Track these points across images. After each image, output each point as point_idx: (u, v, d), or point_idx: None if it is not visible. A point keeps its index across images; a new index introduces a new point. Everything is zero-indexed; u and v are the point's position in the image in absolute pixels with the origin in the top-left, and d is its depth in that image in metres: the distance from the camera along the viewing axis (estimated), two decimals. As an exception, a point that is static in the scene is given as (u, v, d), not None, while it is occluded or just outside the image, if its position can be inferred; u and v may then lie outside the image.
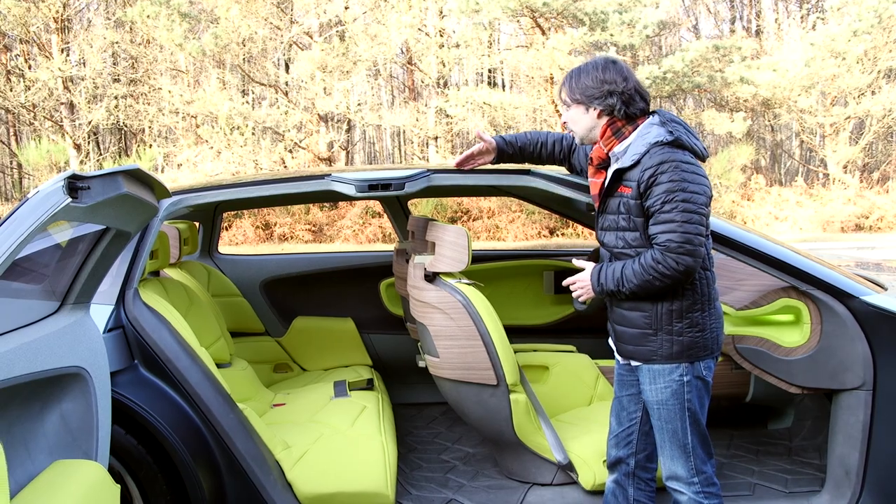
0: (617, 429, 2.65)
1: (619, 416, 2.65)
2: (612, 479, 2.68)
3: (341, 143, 21.08)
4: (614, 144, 2.50)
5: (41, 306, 2.37)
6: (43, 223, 1.78)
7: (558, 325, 4.55)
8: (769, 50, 21.21)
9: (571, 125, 2.59)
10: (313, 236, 17.95)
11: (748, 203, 19.51)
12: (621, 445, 2.64)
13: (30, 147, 19.60)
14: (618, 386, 2.67)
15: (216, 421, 2.74)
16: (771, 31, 24.71)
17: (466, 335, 2.87)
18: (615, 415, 2.67)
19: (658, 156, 2.35)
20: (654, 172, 2.34)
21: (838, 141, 20.28)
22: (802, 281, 2.78)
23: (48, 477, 2.14)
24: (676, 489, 2.48)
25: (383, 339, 4.29)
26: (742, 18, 27.89)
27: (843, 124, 20.37)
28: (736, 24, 27.61)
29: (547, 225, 17.97)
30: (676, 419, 2.42)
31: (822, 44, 18.42)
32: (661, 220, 2.32)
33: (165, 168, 20.29)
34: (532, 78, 20.84)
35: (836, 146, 20.28)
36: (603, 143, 2.52)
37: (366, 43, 19.51)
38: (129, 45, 21.30)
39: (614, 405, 2.68)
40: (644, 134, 2.43)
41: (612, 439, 2.67)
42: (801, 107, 19.89)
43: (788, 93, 19.10)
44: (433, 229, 3.05)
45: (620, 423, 2.65)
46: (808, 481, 3.02)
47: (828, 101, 20.49)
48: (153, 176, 2.29)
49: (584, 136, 2.56)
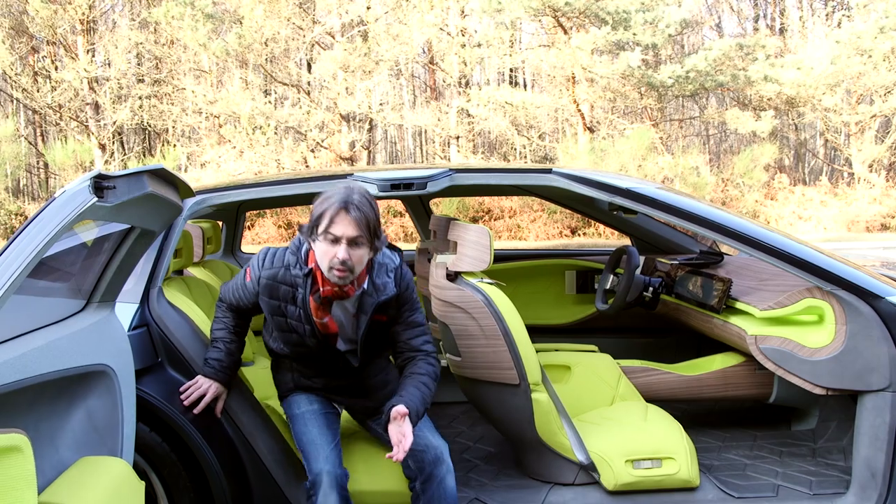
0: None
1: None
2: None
3: (363, 143, 21.13)
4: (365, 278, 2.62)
5: (67, 304, 2.39)
6: (69, 222, 1.80)
7: (580, 325, 4.53)
8: (793, 48, 21.00)
9: (358, 265, 2.49)
10: (335, 236, 17.97)
11: (771, 202, 19.35)
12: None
13: (56, 147, 19.84)
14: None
15: (239, 419, 2.76)
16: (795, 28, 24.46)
17: (488, 335, 2.86)
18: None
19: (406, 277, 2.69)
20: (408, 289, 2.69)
21: (864, 139, 20.05)
22: (827, 281, 2.75)
23: (75, 473, 2.16)
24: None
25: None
26: (766, 16, 27.66)
27: (868, 122, 20.13)
28: (759, 22, 27.36)
29: (568, 224, 17.93)
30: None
31: (848, 41, 18.22)
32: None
33: (189, 168, 20.45)
34: (553, 77, 20.79)
35: (861, 145, 20.05)
36: (358, 278, 2.56)
37: (388, 43, 19.55)
38: (153, 45, 21.47)
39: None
40: (381, 264, 2.65)
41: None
42: (825, 105, 19.67)
43: (813, 91, 18.90)
44: (455, 229, 3.05)
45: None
46: (832, 483, 2.99)
47: (853, 99, 20.26)
48: (177, 175, 2.31)
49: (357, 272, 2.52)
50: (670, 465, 2.88)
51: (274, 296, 2.63)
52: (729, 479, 3.02)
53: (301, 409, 2.76)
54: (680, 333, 4.19)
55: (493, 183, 3.25)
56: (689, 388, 3.60)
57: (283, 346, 2.72)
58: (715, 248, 4.04)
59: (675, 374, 3.62)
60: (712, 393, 3.59)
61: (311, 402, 2.78)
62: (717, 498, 2.88)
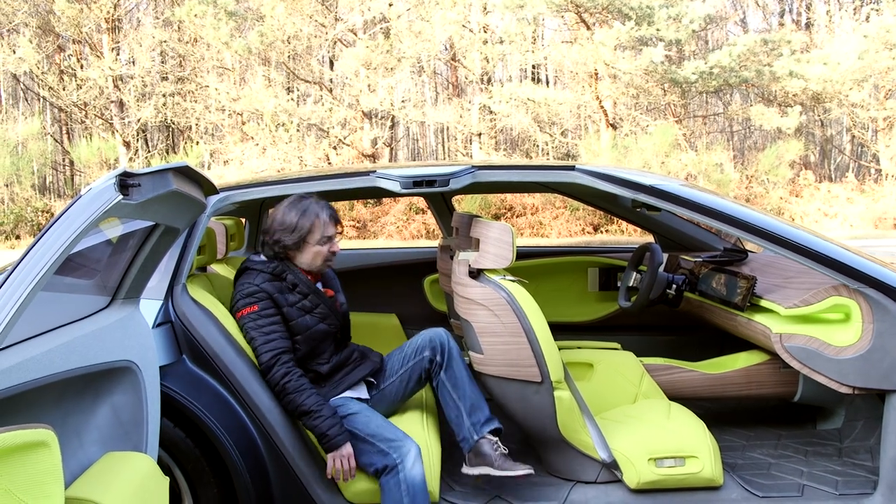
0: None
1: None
2: None
3: (385, 140, 21.17)
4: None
5: (93, 301, 2.42)
6: (95, 220, 1.82)
7: (603, 323, 4.52)
8: (819, 43, 20.75)
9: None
10: (357, 232, 18.06)
11: (796, 199, 19.15)
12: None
13: (81, 145, 20.04)
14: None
15: (262, 415, 2.77)
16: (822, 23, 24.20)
17: (511, 332, 2.86)
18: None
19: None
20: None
21: (892, 135, 19.77)
22: (853, 279, 2.72)
23: (101, 468, 2.18)
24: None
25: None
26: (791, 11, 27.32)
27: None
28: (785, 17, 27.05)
29: (591, 222, 17.86)
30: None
31: (877, 35, 17.94)
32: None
33: (212, 165, 20.57)
34: (576, 74, 20.68)
35: (889, 140, 19.78)
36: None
37: (410, 39, 19.55)
38: (176, 43, 21.63)
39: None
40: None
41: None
42: (852, 101, 19.41)
43: (840, 87, 18.67)
44: (477, 226, 3.04)
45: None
46: (859, 483, 2.96)
47: (881, 94, 19.99)
48: (201, 173, 2.32)
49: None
50: (694, 464, 2.86)
51: (282, 291, 2.96)
52: (753, 479, 3.00)
53: (354, 409, 2.94)
54: (703, 331, 4.16)
55: (516, 180, 3.24)
56: (713, 387, 3.57)
57: (304, 343, 2.97)
58: (739, 246, 4.01)
59: (699, 373, 3.60)
60: (736, 391, 3.57)
61: (357, 403, 3.01)
62: (740, 497, 2.86)
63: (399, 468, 2.73)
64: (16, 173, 18.80)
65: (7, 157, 18.67)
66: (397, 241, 17.21)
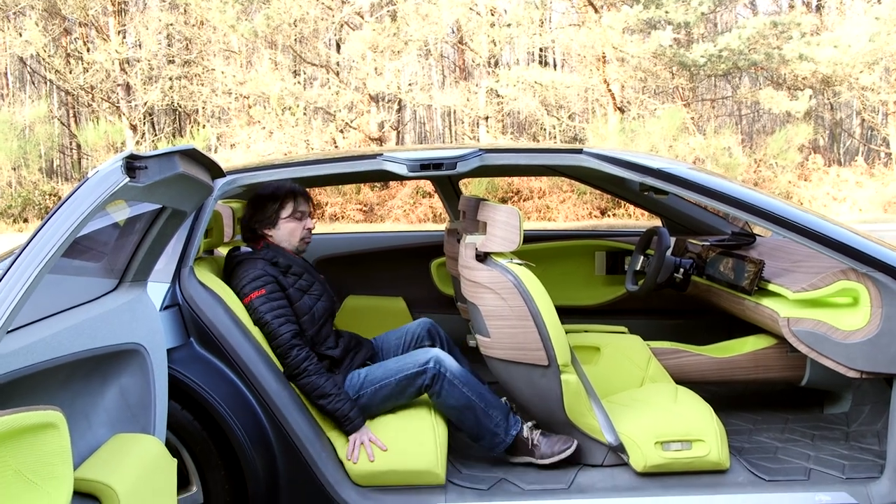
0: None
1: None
2: None
3: (392, 124, 21.12)
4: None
5: (100, 284, 2.42)
6: (102, 202, 1.82)
7: (610, 306, 4.51)
8: (830, 25, 20.57)
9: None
10: (364, 216, 18.05)
11: (805, 184, 19.04)
12: None
13: (88, 128, 20.06)
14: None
15: (269, 397, 2.78)
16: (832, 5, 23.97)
17: (518, 315, 2.86)
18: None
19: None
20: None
21: (902, 119, 19.65)
22: (862, 263, 2.71)
23: (109, 450, 2.20)
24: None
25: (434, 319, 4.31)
26: (802, -7, 27.12)
27: (907, 101, 19.73)
28: (795, -1, 26.85)
29: (598, 206, 17.80)
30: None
31: (889, 17, 17.74)
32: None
33: (218, 148, 20.56)
34: (584, 57, 20.57)
35: (899, 124, 19.66)
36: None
37: (417, 22, 19.45)
38: (183, 26, 21.57)
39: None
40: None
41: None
42: (862, 84, 19.26)
43: (850, 69, 18.51)
44: (485, 209, 3.04)
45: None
46: (866, 467, 2.96)
47: (892, 77, 19.82)
48: (208, 156, 2.32)
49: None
50: (700, 448, 2.86)
51: (282, 274, 3.04)
52: (760, 462, 3.00)
53: (362, 373, 3.07)
54: (711, 315, 4.16)
55: (523, 163, 3.23)
56: (720, 371, 3.57)
57: (309, 325, 3.04)
58: (747, 230, 4.00)
59: (706, 356, 3.59)
60: (743, 375, 3.56)
61: (358, 370, 3.11)
62: (747, 481, 2.86)
63: (442, 371, 2.95)
64: (23, 157, 18.83)
65: (14, 140, 18.69)
66: (404, 225, 17.20)
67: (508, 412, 3.02)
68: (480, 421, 2.97)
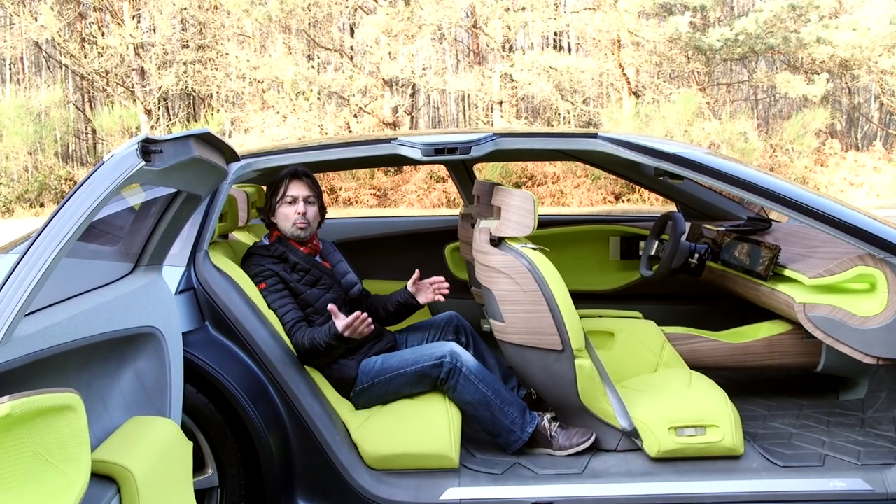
0: None
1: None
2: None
3: (406, 108, 21.07)
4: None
5: (116, 268, 2.43)
6: (118, 186, 1.82)
7: (624, 291, 4.50)
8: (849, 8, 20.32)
9: (313, 221, 3.17)
10: (378, 201, 18.05)
11: (822, 169, 18.89)
12: None
13: (103, 113, 20.13)
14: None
15: (283, 381, 2.80)
16: (851, -13, 23.69)
17: (532, 300, 2.86)
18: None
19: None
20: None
21: (922, 103, 19.42)
22: (880, 248, 2.69)
23: (125, 432, 2.21)
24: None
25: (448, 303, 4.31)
26: (820, -24, 26.77)
27: (927, 85, 19.48)
28: (813, -19, 26.50)
29: (612, 191, 17.74)
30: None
31: (911, -1, 17.56)
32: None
33: (233, 133, 20.59)
34: (599, 41, 20.43)
35: (919, 108, 19.43)
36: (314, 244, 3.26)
37: (431, 6, 19.36)
38: (197, 11, 21.54)
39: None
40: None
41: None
42: (882, 67, 19.03)
43: (869, 53, 18.30)
44: (499, 194, 3.03)
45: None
46: (882, 454, 2.94)
47: (912, 60, 19.58)
48: (223, 140, 2.32)
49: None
50: (714, 433, 2.86)
51: (286, 271, 3.06)
52: (774, 448, 2.99)
53: (378, 360, 3.07)
54: (726, 301, 4.14)
55: (538, 147, 3.22)
56: (735, 356, 3.56)
57: (318, 315, 3.09)
58: (763, 215, 3.97)
59: (721, 342, 3.58)
60: (758, 361, 3.55)
61: (373, 357, 3.12)
62: (761, 467, 2.86)
63: (458, 365, 2.94)
64: (39, 141, 18.94)
65: (30, 125, 18.80)
66: (418, 210, 17.20)
67: (525, 409, 3.01)
68: (496, 417, 2.96)
